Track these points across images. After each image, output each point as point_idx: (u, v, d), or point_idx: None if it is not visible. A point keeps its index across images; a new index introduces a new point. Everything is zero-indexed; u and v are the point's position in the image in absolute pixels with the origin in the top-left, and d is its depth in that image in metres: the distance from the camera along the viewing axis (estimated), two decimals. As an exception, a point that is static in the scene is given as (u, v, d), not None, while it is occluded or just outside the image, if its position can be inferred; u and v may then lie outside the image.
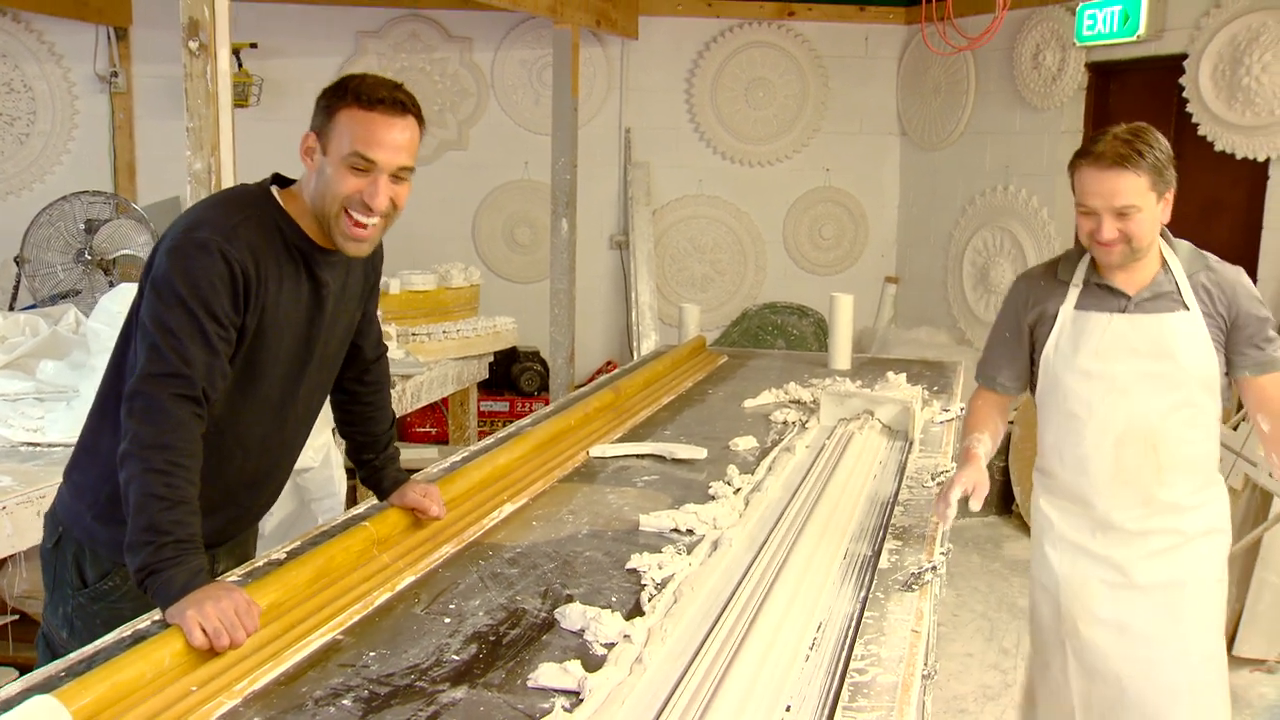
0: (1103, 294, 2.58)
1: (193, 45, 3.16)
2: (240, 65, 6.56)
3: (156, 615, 1.87)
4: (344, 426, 2.47)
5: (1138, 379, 2.54)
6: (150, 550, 1.80)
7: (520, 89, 7.18)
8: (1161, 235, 2.54)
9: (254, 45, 6.53)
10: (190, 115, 3.18)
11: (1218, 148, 5.36)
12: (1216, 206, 5.53)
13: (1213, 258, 2.57)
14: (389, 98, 2.02)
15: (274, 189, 2.11)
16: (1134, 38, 5.65)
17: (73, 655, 1.80)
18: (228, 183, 3.22)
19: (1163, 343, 2.53)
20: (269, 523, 3.94)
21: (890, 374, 3.92)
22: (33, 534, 2.79)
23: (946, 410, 3.70)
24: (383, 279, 5.12)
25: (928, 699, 1.93)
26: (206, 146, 3.18)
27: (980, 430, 2.73)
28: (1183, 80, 5.49)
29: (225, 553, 2.31)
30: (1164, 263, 2.55)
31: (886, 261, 7.44)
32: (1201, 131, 5.41)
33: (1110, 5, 5.79)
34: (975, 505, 2.47)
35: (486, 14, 6.79)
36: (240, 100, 6.43)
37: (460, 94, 7.18)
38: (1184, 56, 5.48)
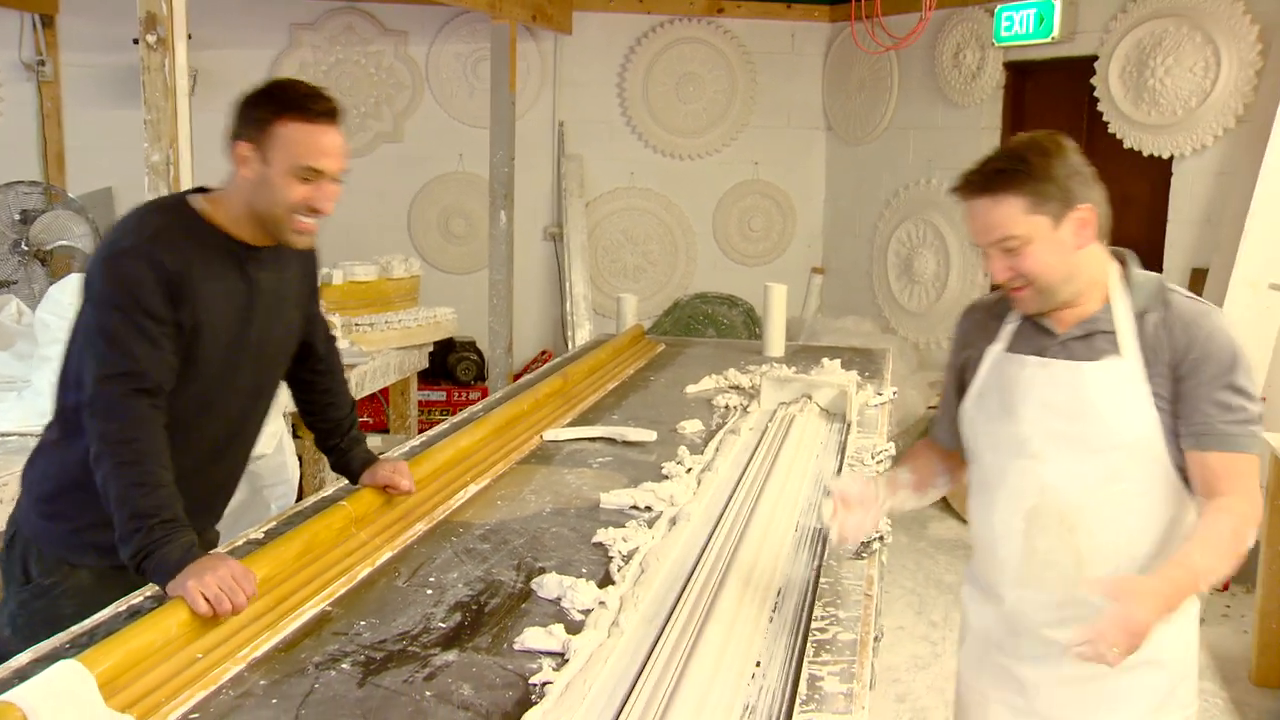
0: (1034, 333, 2.04)
1: (150, 39, 3.21)
2: (172, 55, 6.52)
3: (133, 599, 1.97)
4: (307, 417, 2.56)
5: (1051, 440, 1.99)
6: (140, 535, 1.89)
7: (455, 82, 7.25)
8: (1118, 259, 2.00)
9: (189, 37, 6.49)
10: (148, 108, 3.23)
11: (1126, 144, 5.64)
12: (1125, 202, 5.80)
13: (1180, 293, 1.96)
14: (328, 109, 2.13)
15: (197, 196, 2.20)
16: (1049, 39, 5.91)
17: (75, 628, 1.88)
18: (185, 174, 3.28)
19: (1079, 395, 1.95)
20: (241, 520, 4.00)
21: (825, 360, 4.10)
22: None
23: (880, 394, 3.88)
24: (325, 270, 5.20)
25: (875, 661, 2.09)
26: (165, 139, 3.23)
27: (900, 465, 2.31)
28: (1093, 80, 5.76)
29: None
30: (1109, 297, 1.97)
31: (813, 252, 7.65)
32: (1111, 129, 5.68)
33: (1026, 7, 6.05)
34: (847, 549, 2.18)
35: (422, 8, 6.85)
36: (174, 91, 6.40)
37: (395, 87, 7.23)
38: (1095, 58, 5.75)
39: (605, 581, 2.15)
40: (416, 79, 7.25)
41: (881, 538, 2.39)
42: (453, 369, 7.00)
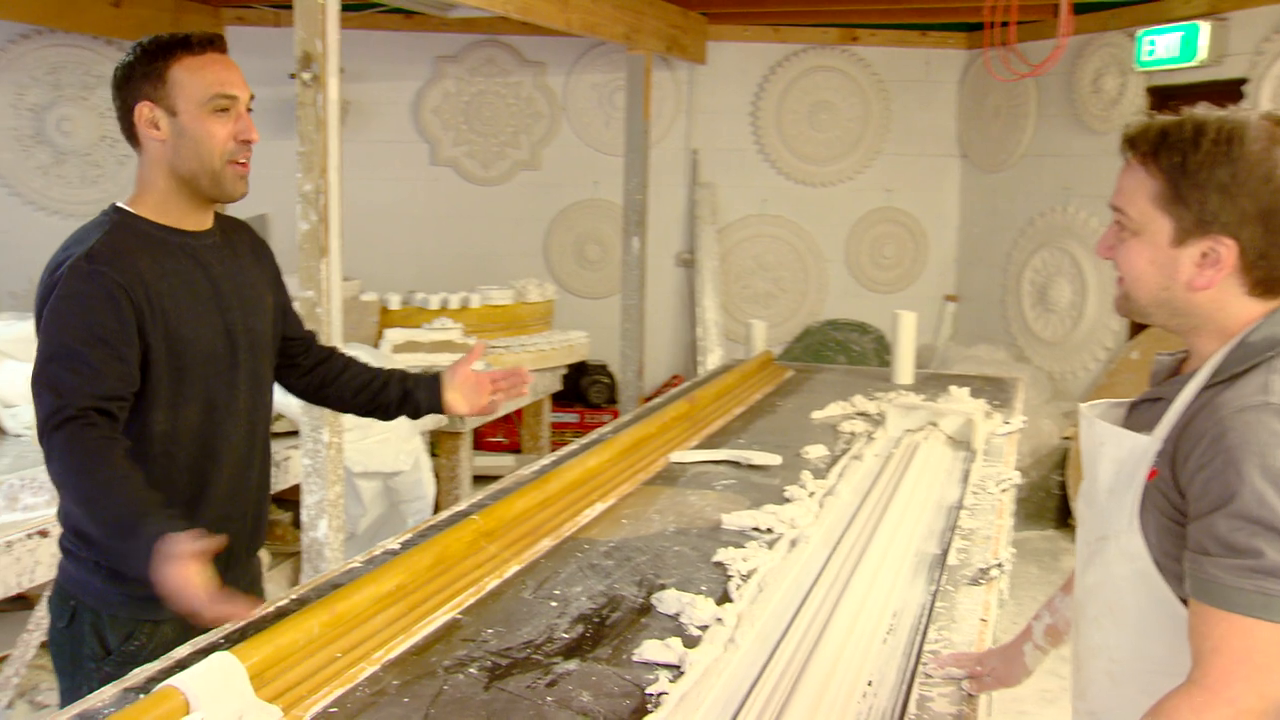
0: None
1: (305, 76, 3.41)
2: (324, 88, 6.85)
3: (280, 601, 2.09)
4: (343, 395, 2.47)
5: (1080, 520, 1.66)
6: (125, 552, 1.86)
7: (591, 111, 7.42)
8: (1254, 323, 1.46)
9: (341, 70, 6.81)
10: (302, 140, 3.43)
11: (1278, 171, 5.45)
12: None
13: (1278, 381, 1.40)
14: (209, 39, 2.04)
15: (119, 205, 2.10)
16: (1194, 63, 5.78)
17: (228, 626, 2.02)
18: (334, 202, 3.46)
19: (1090, 470, 1.59)
20: (361, 523, 4.19)
21: (953, 388, 4.08)
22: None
23: (1007, 423, 3.85)
24: (463, 294, 5.39)
25: (992, 693, 2.10)
26: (316, 169, 3.42)
27: (1060, 594, 1.85)
28: (1244, 105, 5.60)
29: (244, 587, 2.25)
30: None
31: (946, 280, 7.58)
32: (1261, 155, 5.50)
33: (1171, 31, 5.92)
34: (969, 689, 1.84)
35: (560, 39, 7.04)
36: (325, 122, 6.72)
37: (533, 116, 7.44)
38: (1244, 81, 5.59)
39: (723, 599, 2.20)
40: (554, 108, 7.44)
41: (1000, 565, 2.40)
42: (585, 391, 7.14)
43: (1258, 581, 1.29)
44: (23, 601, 3.53)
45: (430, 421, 4.65)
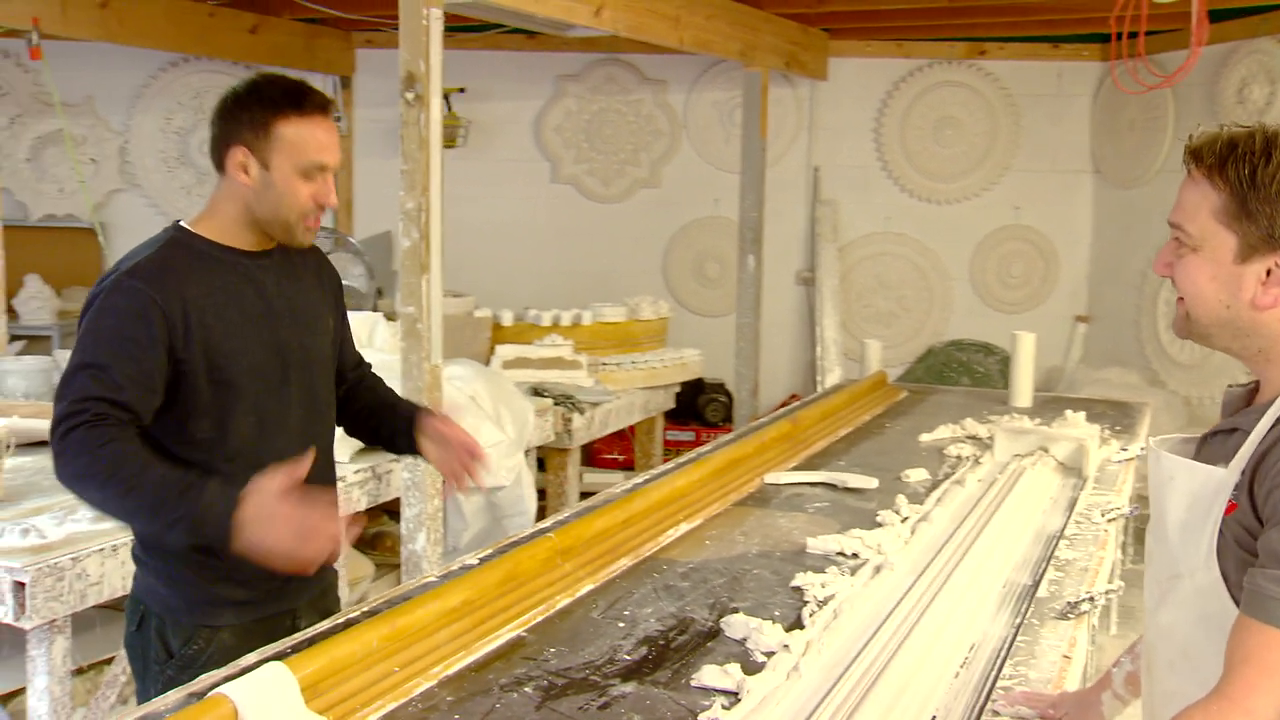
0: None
1: (409, 95, 3.47)
2: (449, 109, 6.99)
3: (350, 614, 2.10)
4: (350, 423, 2.49)
5: (1148, 559, 1.58)
6: (184, 524, 1.91)
7: (711, 129, 7.41)
8: None
9: (462, 90, 6.96)
10: (405, 159, 3.49)
11: None
12: None
13: None
14: (321, 101, 2.12)
15: (181, 223, 2.17)
16: (1346, 71, 5.46)
17: (300, 635, 2.05)
18: (435, 220, 3.51)
19: (1157, 504, 1.51)
20: (464, 537, 4.24)
21: (1069, 412, 3.92)
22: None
23: (1125, 450, 3.69)
24: (575, 311, 5.42)
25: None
26: (418, 187, 3.47)
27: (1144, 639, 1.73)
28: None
29: (306, 606, 2.32)
30: None
31: (1077, 300, 7.31)
32: None
33: (1321, 38, 5.61)
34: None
35: (681, 57, 7.04)
36: (448, 141, 6.86)
37: (654, 134, 7.46)
38: (1399, 90, 5.26)
39: (794, 626, 2.15)
40: (674, 126, 7.45)
41: (1092, 598, 2.28)
42: (702, 410, 7.10)
43: None
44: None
45: (537, 437, 4.68)
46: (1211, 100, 6.30)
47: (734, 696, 1.83)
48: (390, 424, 2.44)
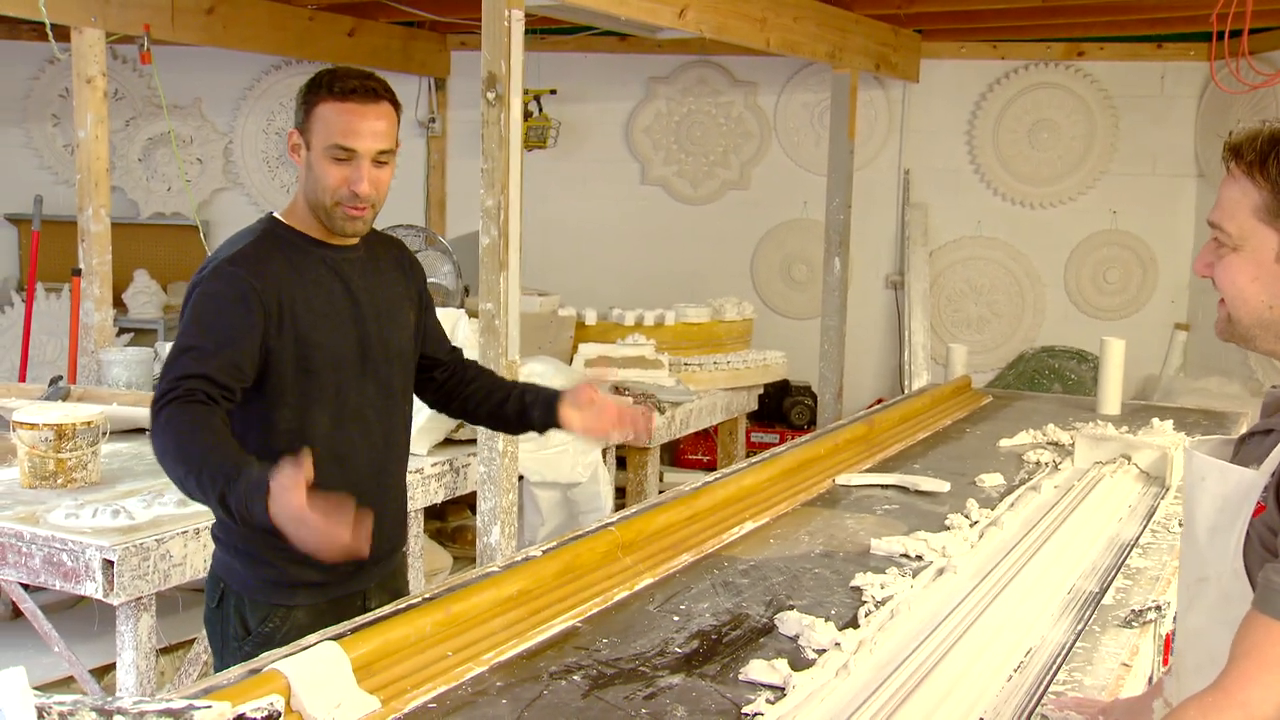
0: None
1: (490, 96, 3.54)
2: (541, 109, 7.08)
3: (413, 599, 2.15)
4: (467, 407, 2.53)
5: (1181, 560, 1.57)
6: (227, 511, 1.93)
7: (801, 131, 7.38)
8: None
9: (554, 91, 7.04)
10: (485, 158, 3.55)
11: None
12: None
13: None
14: (360, 87, 2.12)
15: (274, 214, 2.25)
16: None
17: (359, 618, 2.10)
18: (514, 219, 3.57)
19: (1189, 506, 1.48)
20: (540, 531, 4.29)
21: (1155, 420, 3.83)
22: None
23: (1212, 459, 3.59)
24: (659, 311, 5.44)
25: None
26: (497, 185, 3.53)
27: None
28: None
29: (377, 588, 2.36)
30: None
31: (1177, 308, 7.11)
32: None
33: None
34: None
35: (771, 59, 7.03)
36: (539, 142, 6.94)
37: (744, 136, 7.45)
38: None
39: (849, 625, 2.14)
40: (764, 128, 7.43)
41: (1158, 607, 2.23)
42: (787, 412, 7.08)
43: None
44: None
45: (618, 435, 4.71)
46: (1323, 102, 6.09)
47: (780, 691, 1.84)
48: (519, 403, 2.46)
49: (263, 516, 1.86)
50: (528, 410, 2.45)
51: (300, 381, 2.17)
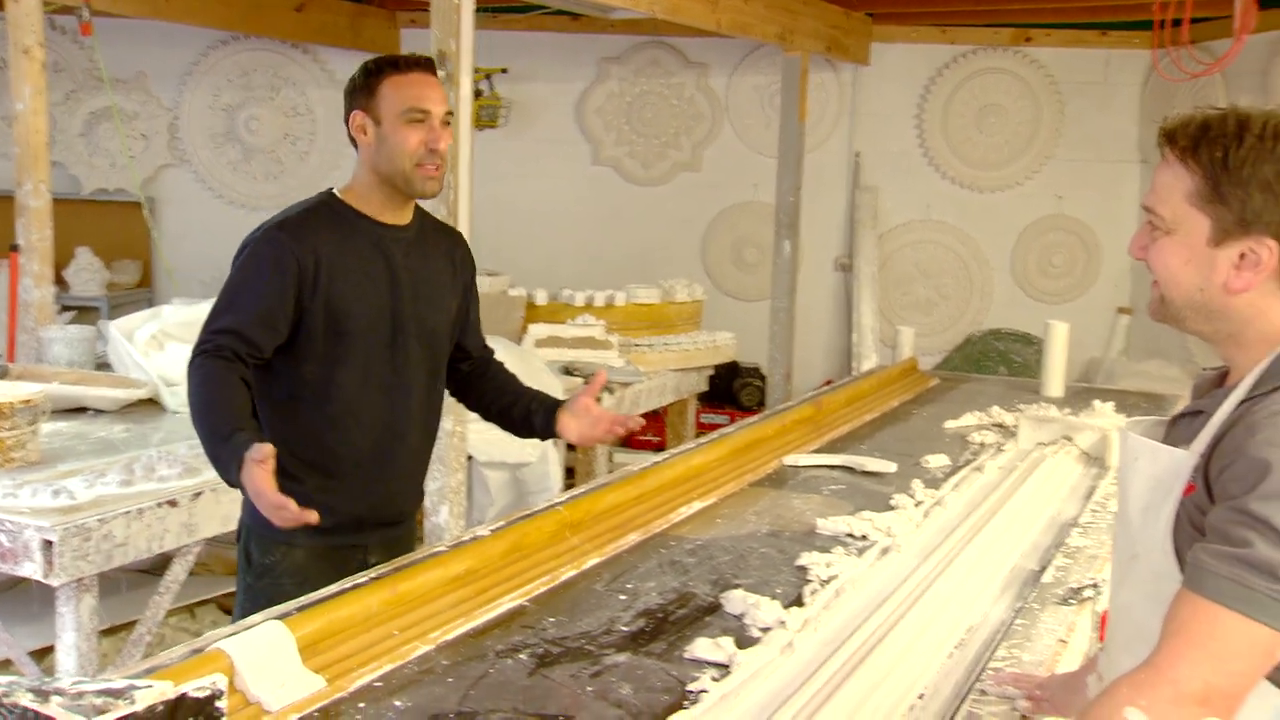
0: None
1: (440, 74, 3.50)
2: (492, 88, 7.03)
3: (358, 579, 2.15)
4: (481, 403, 2.69)
5: (1114, 538, 1.59)
6: (214, 463, 2.20)
7: (753, 113, 7.39)
8: None
9: (505, 70, 7.00)
10: (434, 137, 3.52)
11: None
12: None
13: None
14: (420, 60, 2.39)
15: (333, 190, 2.44)
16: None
17: (303, 598, 2.09)
18: (464, 198, 3.55)
19: (1122, 485, 1.52)
20: (489, 512, 4.28)
21: (1096, 402, 3.90)
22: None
23: (1151, 440, 3.66)
24: (609, 292, 5.45)
25: None
26: (446, 165, 3.50)
27: None
28: None
29: (379, 547, 2.49)
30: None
31: (1120, 292, 7.23)
32: None
33: (1376, 27, 5.50)
34: (1023, 710, 1.78)
35: (724, 41, 7.03)
36: (489, 121, 6.91)
37: (695, 117, 7.46)
38: None
39: (794, 603, 2.16)
40: (716, 110, 7.44)
41: (1095, 585, 2.28)
42: (737, 393, 7.11)
43: (1238, 571, 1.23)
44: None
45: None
46: (1265, 89, 6.19)
47: (724, 669, 1.86)
48: (524, 407, 2.60)
49: (235, 478, 2.11)
50: (531, 416, 2.59)
51: (330, 342, 2.35)
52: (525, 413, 2.60)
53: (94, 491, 3.03)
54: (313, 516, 2.08)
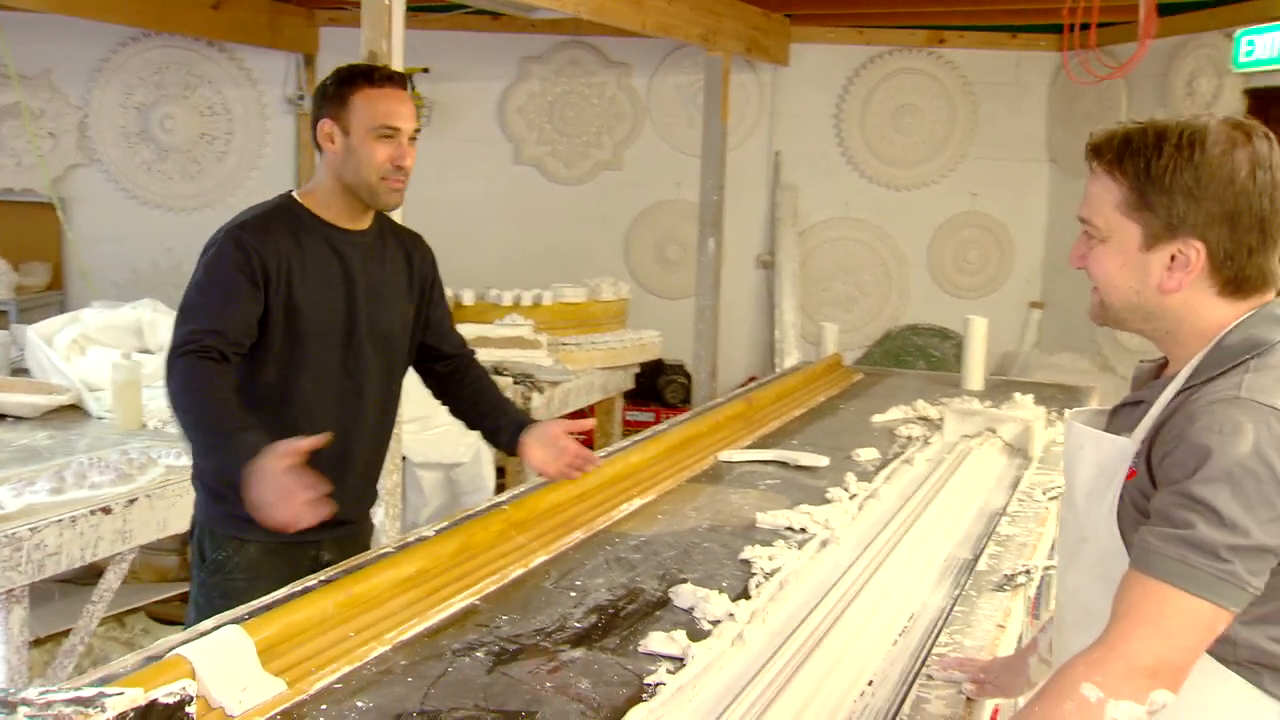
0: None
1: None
2: (413, 88, 6.99)
3: (308, 581, 2.15)
4: (457, 408, 2.70)
5: (1061, 524, 1.69)
6: (217, 464, 2.19)
7: (674, 112, 7.46)
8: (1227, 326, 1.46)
9: (426, 70, 6.96)
10: (366, 138, 3.51)
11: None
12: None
13: (1250, 375, 1.41)
14: (394, 75, 2.42)
15: (293, 192, 2.46)
16: (1293, 65, 5.59)
17: (255, 602, 2.09)
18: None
19: (1069, 472, 1.60)
20: (423, 513, 4.28)
21: (1017, 395, 4.02)
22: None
23: (1070, 431, 3.78)
24: (536, 291, 5.46)
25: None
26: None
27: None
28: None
29: (331, 544, 2.49)
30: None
31: (1032, 287, 7.44)
32: (1360, 161, 5.31)
33: (1271, 30, 5.73)
34: (969, 693, 1.85)
35: (645, 41, 7.08)
36: (411, 121, 6.86)
37: (617, 117, 7.50)
38: (1345, 85, 5.40)
39: (741, 596, 2.21)
40: (637, 109, 7.49)
41: (1028, 572, 2.36)
42: (661, 391, 7.17)
43: (1182, 551, 1.31)
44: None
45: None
46: (1162, 92, 6.42)
47: (679, 662, 1.90)
48: (495, 420, 2.62)
49: (239, 474, 2.08)
50: (500, 430, 2.60)
51: (286, 345, 2.35)
52: (495, 425, 2.62)
53: (23, 500, 2.97)
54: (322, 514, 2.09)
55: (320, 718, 1.70)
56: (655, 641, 1.96)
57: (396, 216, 3.52)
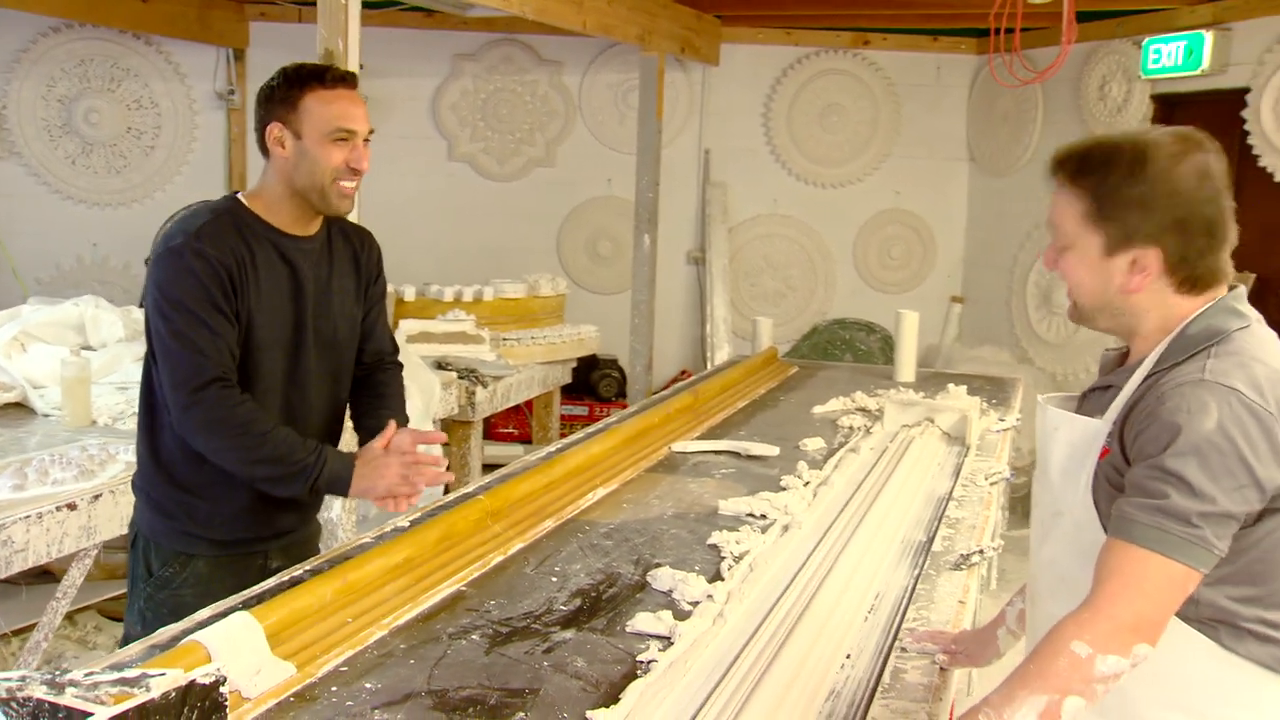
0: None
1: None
2: (348, 85, 6.97)
3: (237, 599, 2.17)
4: (353, 414, 2.63)
5: (1035, 503, 1.79)
6: (303, 478, 2.28)
7: (606, 110, 7.55)
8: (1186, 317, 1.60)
9: (361, 67, 6.93)
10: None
11: (1277, 178, 5.55)
12: (1276, 234, 5.71)
13: (1215, 359, 1.54)
14: (346, 76, 2.34)
15: (241, 194, 2.37)
16: (1198, 71, 5.86)
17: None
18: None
19: (1043, 452, 1.73)
20: (371, 509, 4.31)
21: (951, 386, 4.19)
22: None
23: (1003, 420, 3.96)
24: (477, 287, 5.51)
25: (974, 671, 2.22)
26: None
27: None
28: (1245, 113, 5.69)
29: (279, 551, 2.49)
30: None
31: (953, 282, 7.68)
32: (1262, 163, 5.60)
33: (1175, 40, 6.01)
34: (941, 663, 1.96)
35: (577, 39, 7.16)
36: (345, 117, 6.84)
37: (549, 114, 7.56)
38: (1247, 90, 5.68)
39: (715, 578, 2.32)
40: (569, 107, 7.57)
41: (981, 551, 2.51)
42: (595, 385, 7.26)
43: (1158, 519, 1.45)
44: (49, 575, 3.67)
45: (441, 410, 4.78)
46: (1076, 96, 6.69)
47: (666, 640, 2.00)
48: (367, 431, 2.54)
49: (344, 477, 2.32)
50: (360, 430, 2.60)
51: (244, 354, 2.31)
52: (364, 438, 2.55)
53: (-14, 497, 2.97)
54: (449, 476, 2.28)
55: (333, 699, 1.77)
56: (642, 621, 2.05)
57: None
